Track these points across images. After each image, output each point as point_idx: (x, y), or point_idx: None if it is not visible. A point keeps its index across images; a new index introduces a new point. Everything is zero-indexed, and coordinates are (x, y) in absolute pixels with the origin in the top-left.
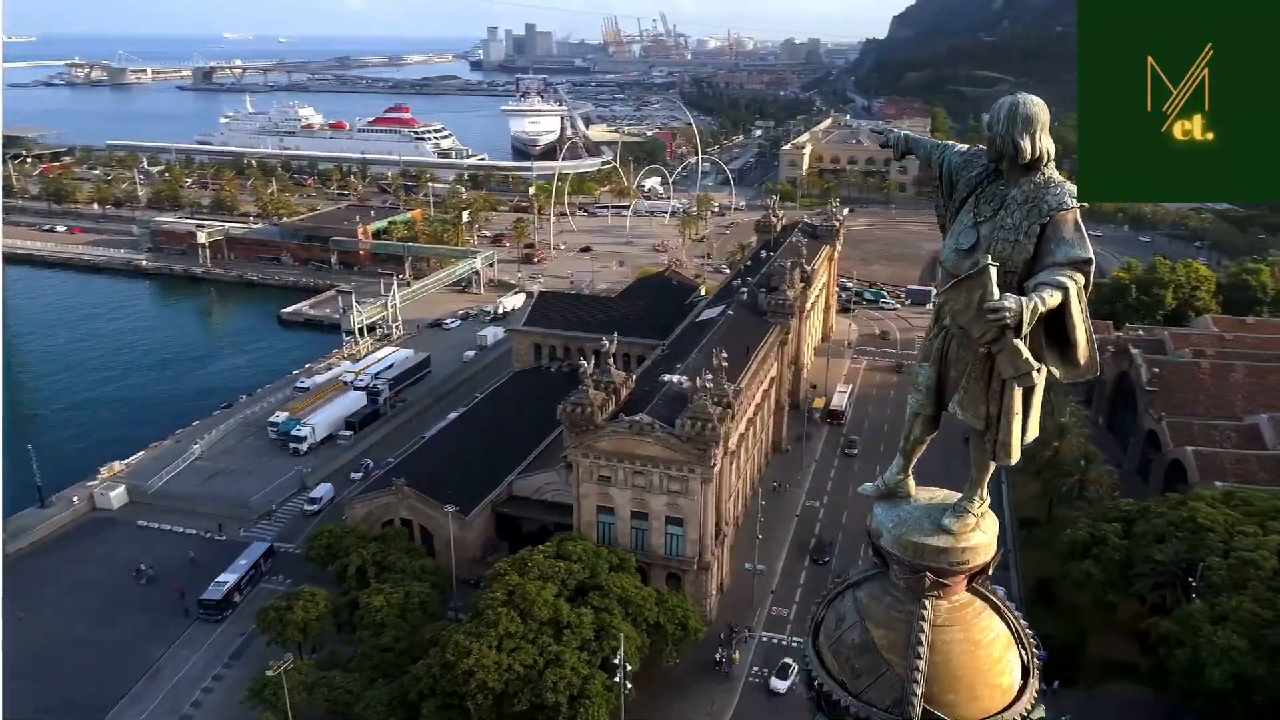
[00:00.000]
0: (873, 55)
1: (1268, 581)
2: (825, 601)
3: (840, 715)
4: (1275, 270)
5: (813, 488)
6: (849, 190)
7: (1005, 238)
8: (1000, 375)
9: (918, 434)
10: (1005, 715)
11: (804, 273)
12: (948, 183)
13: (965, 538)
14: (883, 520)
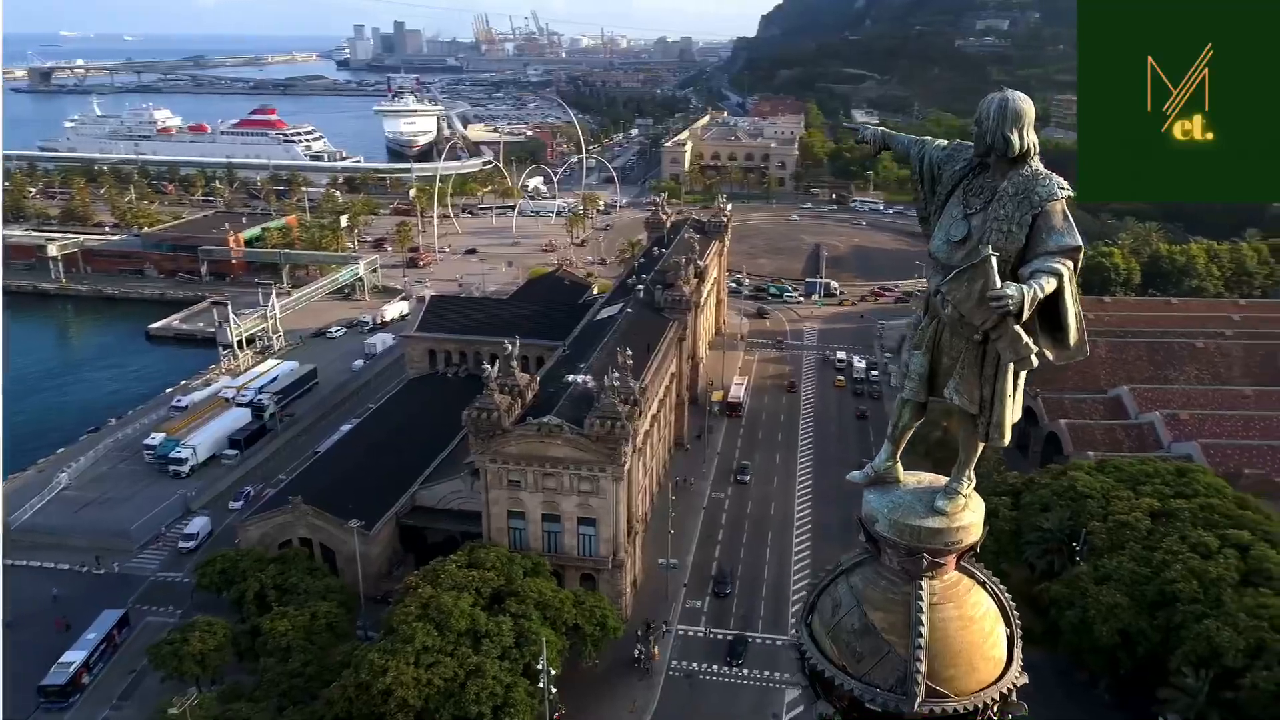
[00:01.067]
0: (744, 54)
1: (1143, 541)
2: (817, 590)
3: (841, 699)
4: (1126, 253)
5: (717, 480)
6: (731, 186)
7: (999, 228)
8: (1001, 359)
9: (906, 420)
10: (999, 685)
11: (698, 268)
12: (929, 177)
13: (958, 518)
14: (877, 506)
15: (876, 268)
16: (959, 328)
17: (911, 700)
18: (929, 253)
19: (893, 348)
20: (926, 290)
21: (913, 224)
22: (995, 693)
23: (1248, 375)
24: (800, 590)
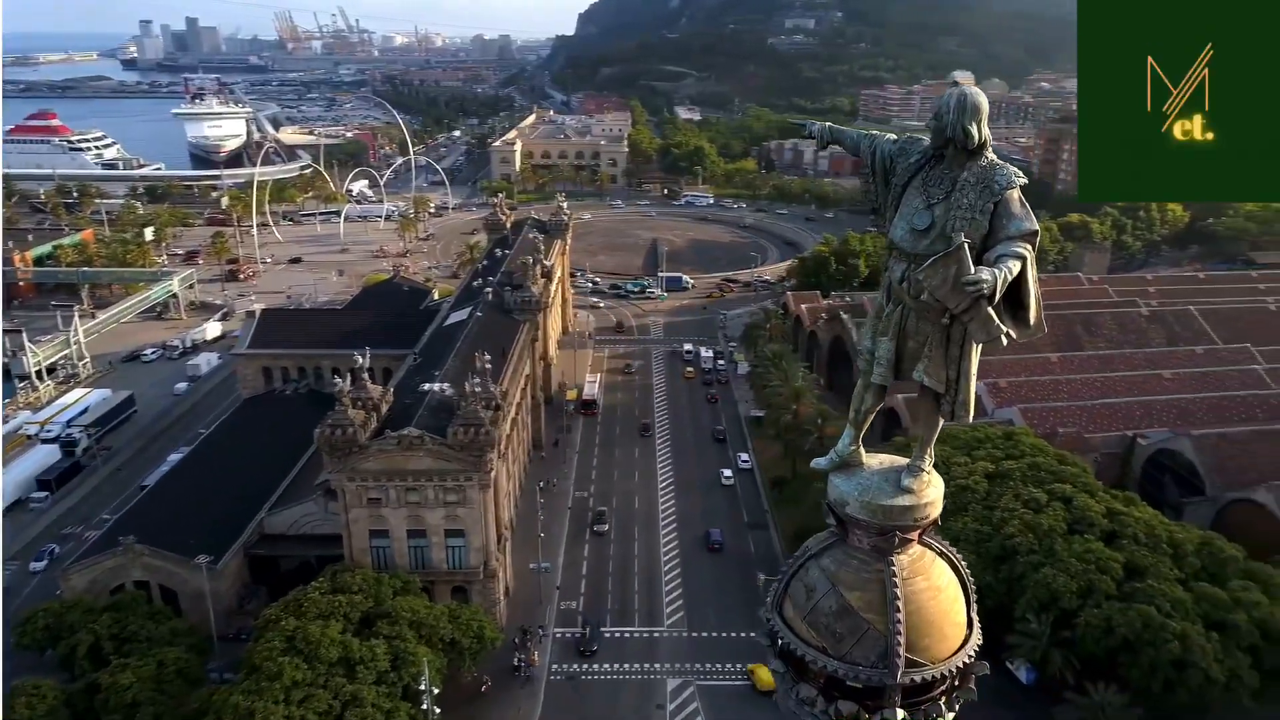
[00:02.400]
0: (564, 52)
1: (982, 502)
2: (786, 578)
3: (818, 679)
4: None
5: (579, 478)
6: (564, 184)
7: (963, 216)
8: (966, 341)
9: (869, 404)
10: (966, 648)
11: (545, 268)
12: (882, 169)
13: (925, 494)
14: (846, 489)
15: (713, 260)
16: (926, 312)
17: (894, 672)
18: (891, 242)
19: (738, 337)
20: (888, 279)
21: (741, 217)
22: (964, 656)
23: (1052, 344)
24: (673, 578)
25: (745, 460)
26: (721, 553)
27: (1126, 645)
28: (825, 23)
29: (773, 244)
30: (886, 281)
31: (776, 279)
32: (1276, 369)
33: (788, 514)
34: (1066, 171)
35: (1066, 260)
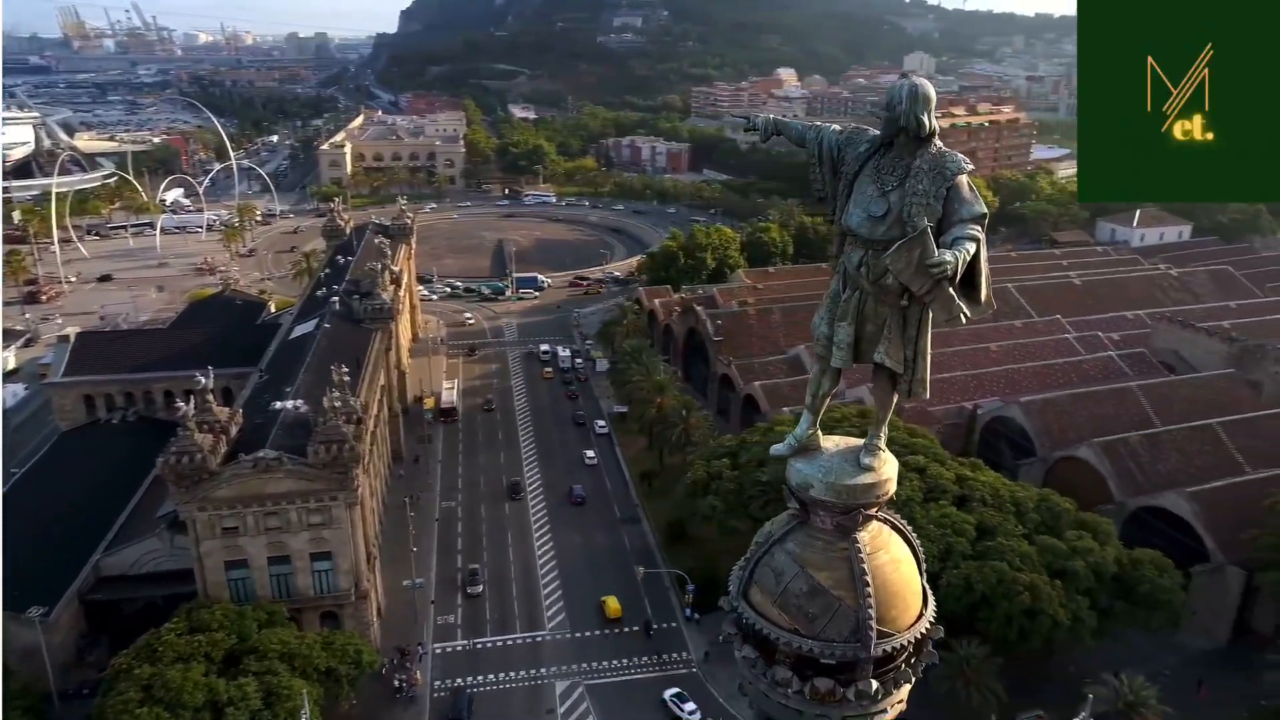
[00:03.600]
0: (387, 50)
1: None
2: (752, 564)
3: (788, 659)
4: (779, 227)
5: (444, 489)
6: (400, 187)
7: (919, 202)
8: (923, 322)
9: (827, 389)
10: (926, 614)
11: (393, 274)
12: (830, 159)
13: (883, 471)
14: (810, 473)
15: (561, 259)
16: (884, 296)
17: (868, 645)
18: (847, 229)
19: (594, 335)
20: (843, 266)
21: (585, 214)
22: (925, 622)
23: None
24: (551, 580)
25: (602, 426)
26: (584, 505)
27: (984, 600)
28: (653, 21)
29: (619, 241)
30: (841, 268)
31: (626, 275)
32: (1083, 337)
33: (659, 507)
34: None
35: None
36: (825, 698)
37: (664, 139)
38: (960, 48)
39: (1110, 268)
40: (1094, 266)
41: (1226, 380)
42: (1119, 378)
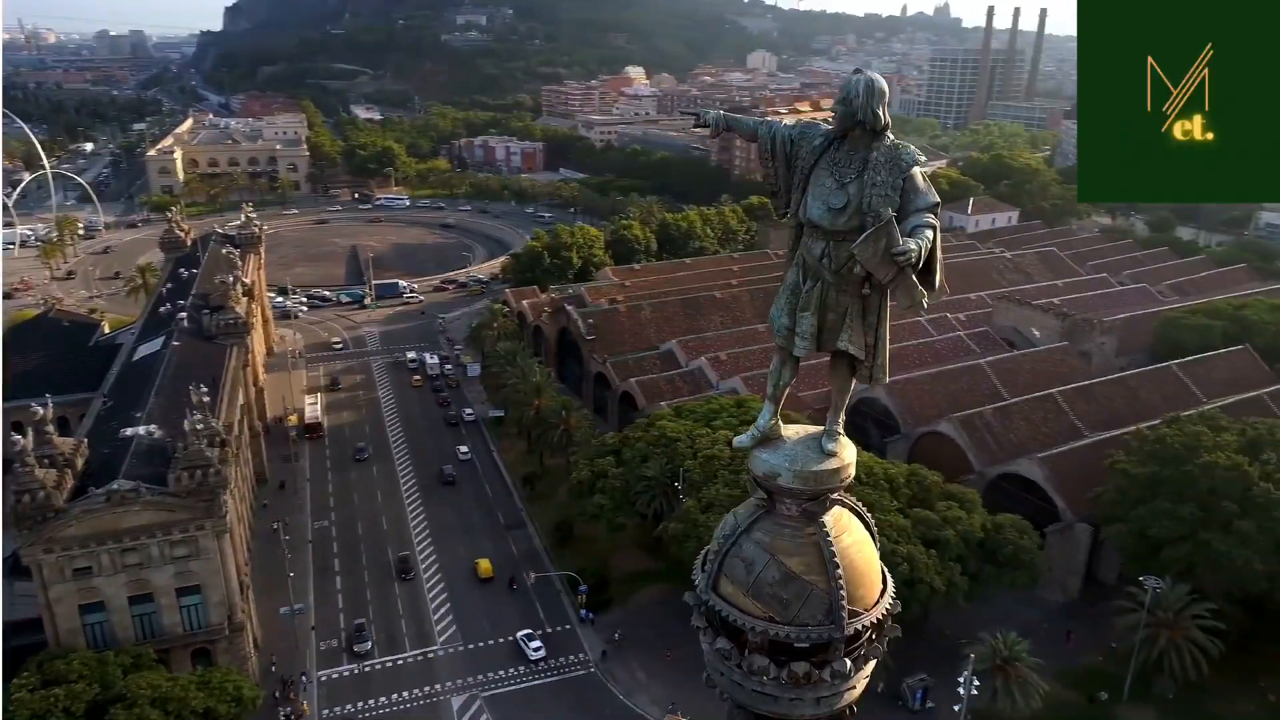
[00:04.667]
0: (214, 49)
1: (729, 468)
2: (720, 556)
3: (763, 648)
4: (640, 224)
5: (316, 509)
6: (240, 194)
7: (878, 193)
8: (883, 309)
9: (787, 379)
10: (888, 591)
11: (245, 286)
12: (783, 153)
13: (844, 455)
14: (776, 462)
15: (420, 263)
16: (845, 285)
17: (841, 625)
18: (808, 222)
19: (462, 339)
20: (800, 258)
21: (441, 217)
22: (888, 598)
23: (757, 315)
24: (437, 591)
25: (470, 412)
26: (455, 485)
27: None
28: (497, 19)
29: (478, 242)
30: (800, 260)
31: (490, 277)
32: (934, 319)
33: (543, 509)
34: (740, 157)
35: (755, 239)
36: (802, 681)
37: (517, 138)
38: (798, 46)
39: (951, 253)
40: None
41: (1061, 353)
42: (968, 355)
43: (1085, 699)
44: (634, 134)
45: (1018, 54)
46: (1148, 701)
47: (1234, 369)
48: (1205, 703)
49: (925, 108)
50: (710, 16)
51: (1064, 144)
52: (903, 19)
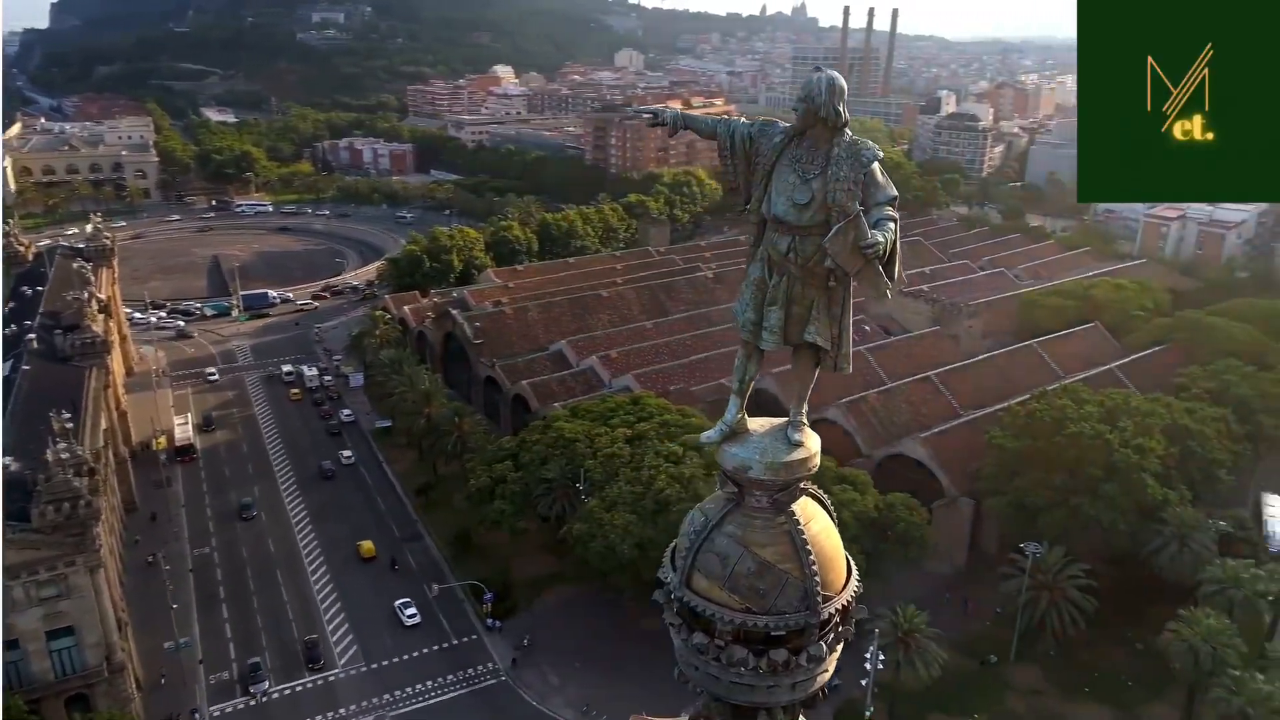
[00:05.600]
0: (40, 47)
1: (629, 465)
2: (692, 553)
3: (740, 639)
4: (520, 225)
5: (195, 534)
6: (83, 203)
7: (842, 188)
8: (846, 301)
9: (753, 373)
10: (853, 574)
11: (101, 303)
12: (742, 151)
13: (810, 445)
14: (747, 455)
15: (289, 272)
16: (810, 279)
17: (817, 610)
18: (774, 218)
19: (341, 349)
20: (764, 253)
21: (309, 221)
22: (855, 580)
23: (644, 312)
24: (333, 612)
25: (349, 413)
26: (334, 480)
27: None
28: (355, 17)
29: (351, 248)
30: (763, 255)
31: (366, 284)
32: None
33: (439, 519)
34: (616, 155)
35: (634, 237)
36: (780, 668)
37: (385, 140)
38: (664, 44)
39: None
40: None
41: (933, 337)
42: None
43: (978, 663)
44: (507, 134)
45: (873, 52)
46: (1033, 660)
47: (1088, 345)
48: (1082, 656)
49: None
50: (575, 15)
51: (920, 138)
52: (763, 18)
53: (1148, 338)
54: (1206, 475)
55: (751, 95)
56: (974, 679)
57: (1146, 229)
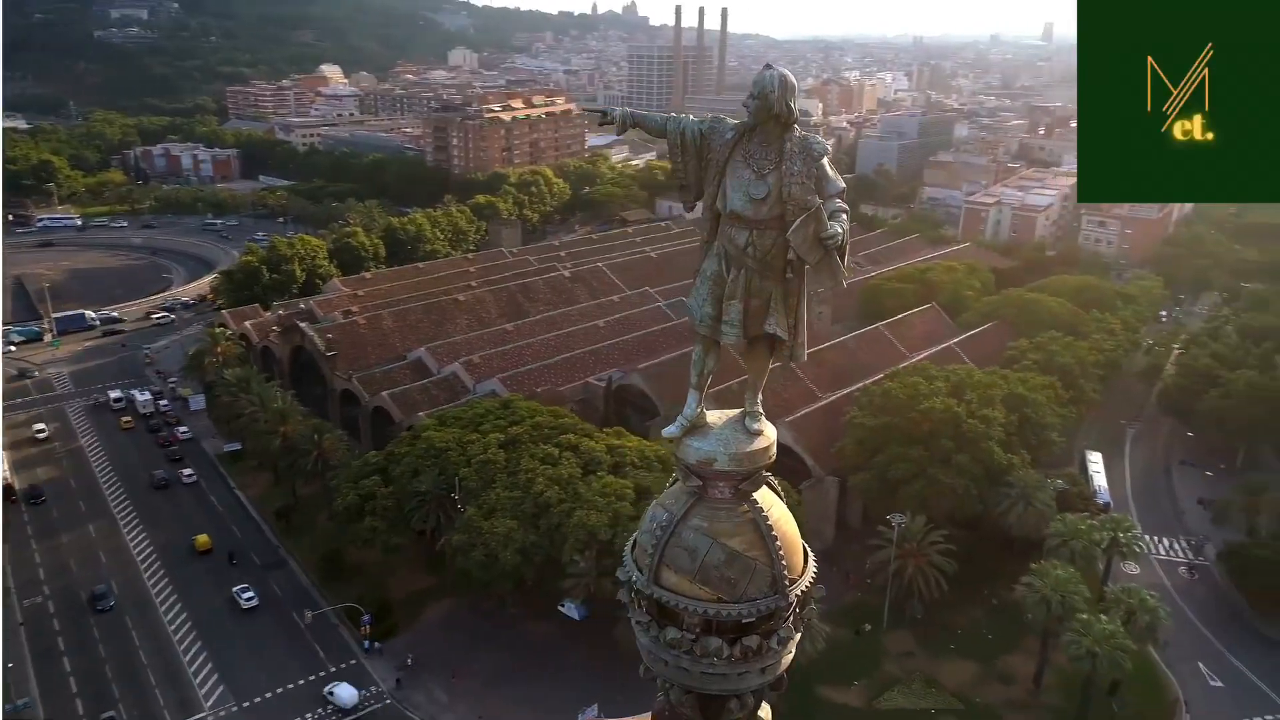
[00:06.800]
0: None
1: (505, 470)
2: (659, 549)
3: (712, 629)
4: (364, 231)
5: (24, 584)
6: None
7: (796, 182)
8: (803, 292)
9: (711, 366)
10: (811, 558)
11: None
12: (693, 148)
13: (768, 433)
14: (711, 448)
15: (107, 290)
16: (768, 272)
17: (786, 594)
18: (732, 213)
19: (176, 370)
20: (721, 248)
21: (126, 235)
22: (812, 562)
23: (504, 315)
24: (194, 651)
25: (185, 431)
26: (168, 489)
27: None
28: (162, 13)
29: (177, 262)
30: (721, 250)
31: (199, 299)
32: (672, 303)
33: (303, 543)
34: (459, 156)
35: (486, 239)
36: (751, 654)
37: (205, 145)
38: (497, 43)
39: (675, 240)
40: (663, 240)
41: None
42: None
43: (853, 633)
44: (341, 136)
45: (706, 51)
46: (903, 625)
47: (928, 325)
48: (947, 616)
49: (628, 102)
50: (404, 13)
51: None
52: (594, 17)
53: (979, 316)
54: (1041, 439)
55: (590, 94)
56: (851, 648)
57: (968, 214)
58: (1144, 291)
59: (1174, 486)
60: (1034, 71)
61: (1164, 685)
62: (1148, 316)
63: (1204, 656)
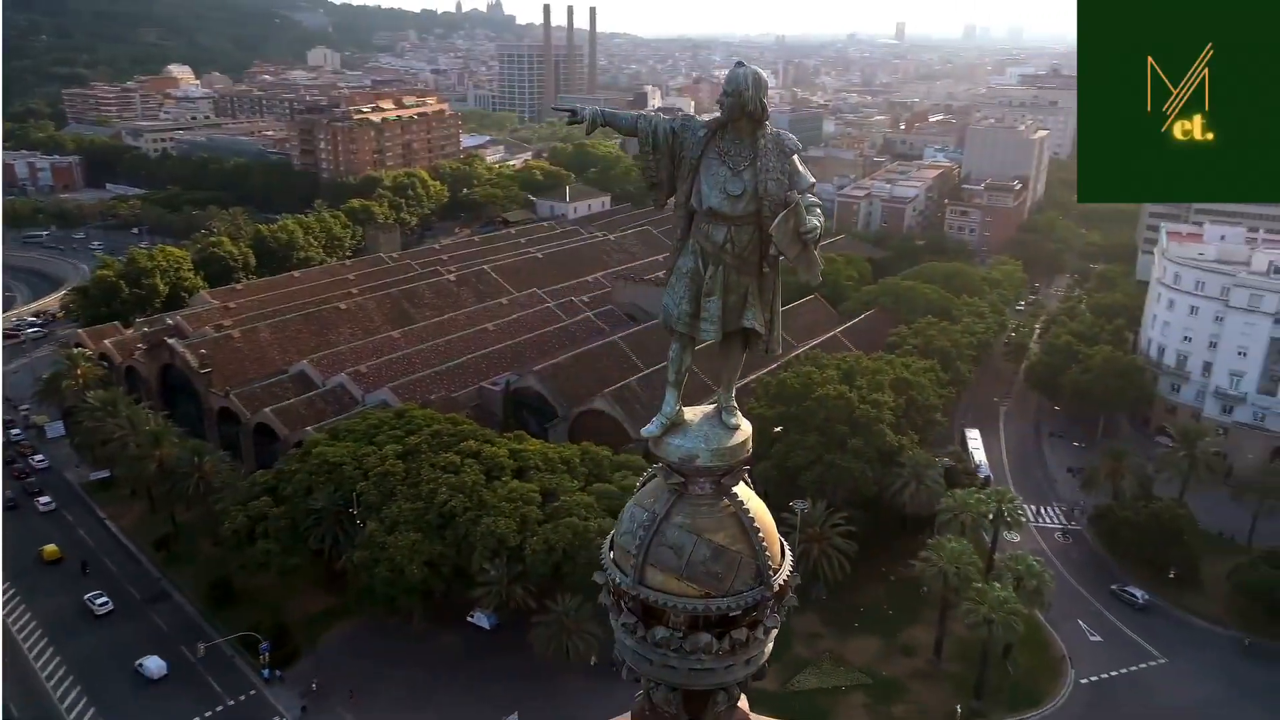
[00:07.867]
0: None
1: (406, 481)
2: (644, 549)
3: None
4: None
5: None
6: None
7: (773, 178)
8: (777, 286)
9: (688, 363)
10: (787, 545)
11: None
12: (666, 146)
13: (745, 428)
14: (693, 445)
15: None
16: (745, 267)
17: (769, 584)
18: (709, 210)
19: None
20: (697, 245)
21: None
22: (790, 552)
23: (389, 322)
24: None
25: (41, 459)
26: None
27: (566, 555)
28: None
29: (18, 279)
30: (695, 247)
31: (47, 319)
32: (561, 304)
33: (188, 572)
34: (328, 159)
35: (362, 244)
36: (739, 646)
37: (42, 151)
38: (358, 42)
39: (560, 240)
40: (547, 240)
41: None
42: (600, 334)
43: None
44: (197, 140)
45: (576, 49)
46: (809, 607)
47: (812, 315)
48: (850, 596)
49: (500, 101)
50: (256, 11)
51: None
52: (459, 15)
53: (859, 304)
54: (927, 420)
55: (460, 93)
56: None
57: (841, 206)
58: (1006, 275)
59: (1045, 457)
60: (890, 69)
61: (1050, 644)
62: (1011, 300)
63: (1083, 614)
